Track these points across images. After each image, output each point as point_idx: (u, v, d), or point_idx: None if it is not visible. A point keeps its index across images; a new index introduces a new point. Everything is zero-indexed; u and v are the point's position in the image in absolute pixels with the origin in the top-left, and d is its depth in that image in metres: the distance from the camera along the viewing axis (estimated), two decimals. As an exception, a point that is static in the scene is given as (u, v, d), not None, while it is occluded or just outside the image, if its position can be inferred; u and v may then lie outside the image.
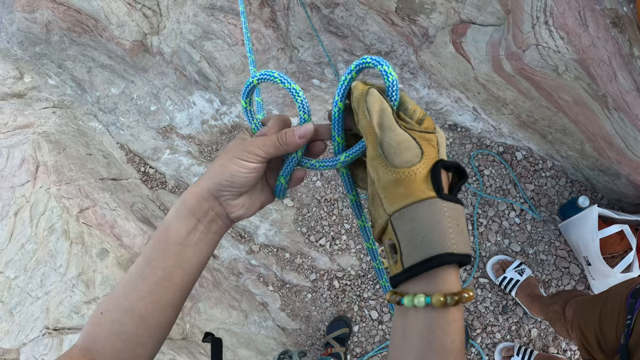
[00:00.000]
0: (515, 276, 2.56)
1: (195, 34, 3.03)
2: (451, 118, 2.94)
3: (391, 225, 0.64)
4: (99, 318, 0.81)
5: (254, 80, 0.83)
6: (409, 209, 0.62)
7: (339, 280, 2.85)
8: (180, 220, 0.81)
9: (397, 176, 0.63)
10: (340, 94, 0.76)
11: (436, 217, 0.60)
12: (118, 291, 0.81)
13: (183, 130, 3.28)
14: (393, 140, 0.65)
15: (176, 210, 0.82)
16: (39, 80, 3.33)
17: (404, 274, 0.61)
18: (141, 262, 0.81)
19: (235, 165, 0.78)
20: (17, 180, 2.76)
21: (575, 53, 1.99)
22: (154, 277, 0.80)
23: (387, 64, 0.70)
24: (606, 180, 2.58)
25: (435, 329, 0.59)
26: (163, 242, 0.81)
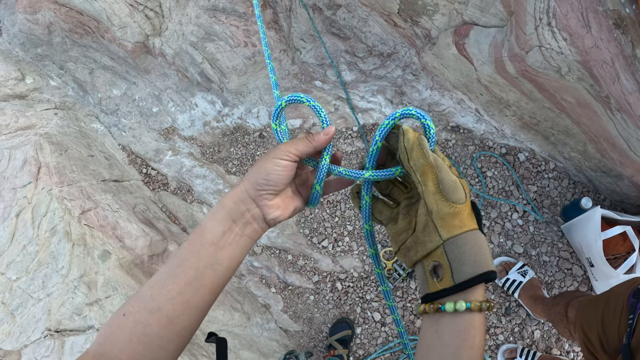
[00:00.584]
0: (518, 278, 2.56)
1: (198, 35, 3.03)
2: (454, 119, 2.93)
3: (443, 249, 0.76)
4: (121, 320, 0.82)
5: (282, 103, 0.94)
6: (462, 236, 0.75)
7: (342, 282, 2.85)
8: (216, 221, 0.86)
9: (453, 210, 0.75)
10: (381, 134, 0.88)
11: (481, 243, 0.75)
12: (144, 292, 0.83)
13: (185, 131, 3.27)
14: (450, 179, 0.77)
15: (213, 212, 0.87)
16: (40, 81, 3.33)
17: (455, 288, 0.74)
18: (172, 262, 0.85)
19: (270, 164, 0.85)
20: (19, 182, 2.76)
21: (578, 54, 1.99)
22: (185, 277, 0.83)
23: (429, 119, 0.86)
24: (609, 182, 2.57)
25: (470, 328, 0.72)
26: (197, 242, 0.85)
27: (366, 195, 0.91)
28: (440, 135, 2.93)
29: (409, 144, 0.81)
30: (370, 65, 3.12)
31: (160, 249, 2.77)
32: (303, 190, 0.97)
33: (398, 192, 0.91)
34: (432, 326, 0.77)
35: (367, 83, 3.08)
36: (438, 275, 0.77)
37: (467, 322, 0.73)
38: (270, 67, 1.13)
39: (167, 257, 2.79)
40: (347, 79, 3.14)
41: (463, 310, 0.72)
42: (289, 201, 0.93)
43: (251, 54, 3.00)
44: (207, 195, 3.09)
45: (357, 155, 2.99)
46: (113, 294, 2.46)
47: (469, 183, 2.83)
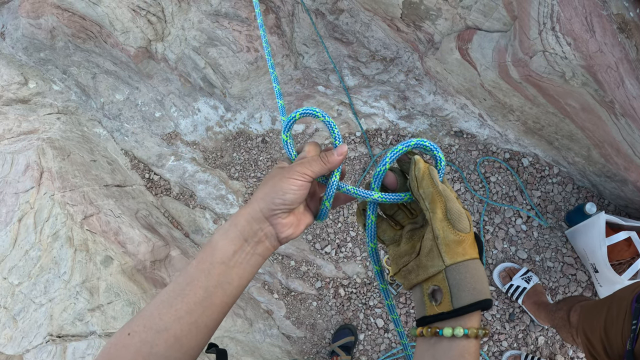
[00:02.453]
0: (522, 284, 2.54)
1: (200, 40, 3.03)
2: (457, 124, 2.92)
3: (445, 274, 0.79)
4: (125, 339, 0.79)
5: (296, 115, 0.94)
6: (464, 264, 0.78)
7: (345, 288, 2.84)
8: (228, 240, 0.84)
9: (459, 238, 0.79)
10: (391, 158, 0.89)
11: (481, 272, 0.79)
12: (150, 311, 0.81)
13: (188, 136, 3.27)
14: (457, 209, 0.80)
15: (224, 230, 0.85)
16: (43, 86, 3.33)
17: (453, 313, 0.76)
18: (181, 281, 0.83)
19: (286, 184, 0.85)
20: (21, 187, 2.76)
21: (582, 59, 1.98)
22: (195, 296, 0.81)
23: (441, 152, 0.90)
24: (613, 187, 2.56)
25: (466, 353, 0.75)
26: (207, 261, 0.83)
27: (372, 215, 0.93)
28: (444, 140, 2.92)
29: (419, 173, 0.84)
30: (373, 70, 3.12)
31: (162, 255, 2.76)
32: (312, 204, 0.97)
33: (403, 216, 0.93)
34: (429, 350, 0.79)
35: (370, 88, 3.07)
36: (437, 299, 0.80)
37: (463, 347, 0.76)
38: (274, 77, 1.12)
39: (169, 263, 2.78)
40: (350, 83, 3.13)
41: (460, 335, 0.75)
42: (300, 217, 0.93)
43: (254, 59, 2.99)
44: (210, 200, 3.09)
45: (360, 161, 2.99)
46: (115, 299, 2.46)
47: (472, 188, 2.82)
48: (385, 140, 2.99)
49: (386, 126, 3.01)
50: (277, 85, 1.09)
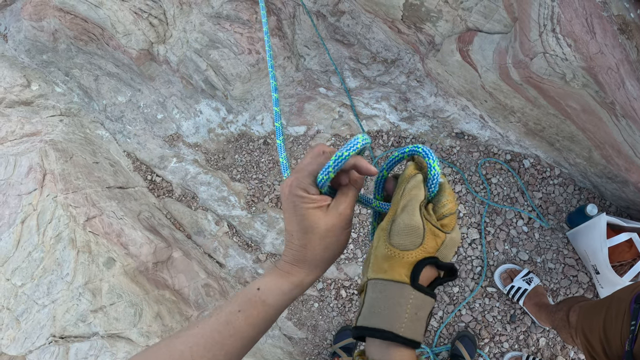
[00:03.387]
0: (523, 285, 2.54)
1: (202, 42, 3.04)
2: (458, 126, 2.93)
3: (366, 287, 0.75)
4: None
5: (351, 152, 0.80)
6: (383, 282, 0.72)
7: (346, 289, 2.84)
8: (284, 298, 0.82)
9: (388, 252, 0.73)
10: (387, 165, 0.86)
11: (399, 300, 0.70)
12: (181, 349, 0.76)
13: (190, 138, 3.28)
14: (404, 222, 0.73)
15: (280, 290, 0.81)
16: (46, 88, 3.35)
17: (353, 330, 0.73)
18: (223, 330, 0.78)
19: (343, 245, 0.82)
20: (24, 189, 2.77)
21: (583, 60, 1.98)
22: (237, 344, 0.79)
23: (434, 158, 0.78)
24: (614, 188, 2.56)
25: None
26: (257, 317, 0.80)
27: (374, 222, 0.92)
28: (445, 142, 2.93)
29: (401, 178, 0.79)
30: (374, 72, 3.12)
31: (164, 257, 2.77)
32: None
33: None
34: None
35: (371, 90, 3.08)
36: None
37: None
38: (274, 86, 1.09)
39: (171, 264, 2.78)
40: (351, 85, 3.14)
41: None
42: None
43: (255, 61, 3.00)
44: (212, 202, 3.10)
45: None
46: (118, 301, 2.47)
47: (473, 190, 2.82)
48: (387, 142, 2.99)
49: (387, 128, 3.02)
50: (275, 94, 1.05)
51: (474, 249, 2.75)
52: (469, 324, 2.66)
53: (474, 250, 2.75)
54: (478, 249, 2.74)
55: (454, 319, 2.68)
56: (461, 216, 2.80)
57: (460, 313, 2.69)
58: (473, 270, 2.72)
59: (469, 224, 2.78)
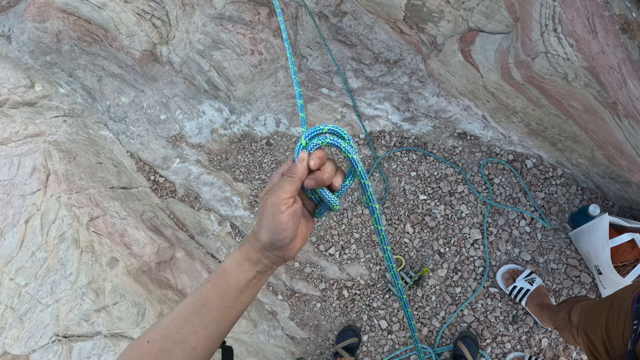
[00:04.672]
0: (526, 285, 2.54)
1: (205, 43, 3.05)
2: (460, 126, 2.93)
3: None
4: (145, 346, 0.88)
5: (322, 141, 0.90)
6: None
7: (349, 289, 2.84)
8: (240, 270, 0.92)
9: None
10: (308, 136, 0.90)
11: None
12: (167, 324, 0.90)
13: (193, 139, 3.29)
14: None
15: (237, 262, 0.92)
16: (49, 89, 3.36)
17: None
18: (196, 300, 0.91)
19: (274, 223, 0.87)
20: (28, 189, 2.78)
21: (585, 60, 1.98)
22: (210, 315, 0.90)
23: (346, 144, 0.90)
24: (617, 188, 2.56)
25: None
26: (222, 287, 0.91)
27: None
28: (447, 142, 2.93)
29: None
30: (376, 72, 3.12)
31: (167, 256, 2.78)
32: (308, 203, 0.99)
33: None
34: None
35: (374, 90, 3.08)
36: None
37: None
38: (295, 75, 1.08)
39: (174, 264, 2.79)
40: (354, 86, 3.14)
41: None
42: (303, 231, 0.95)
43: (258, 61, 3.01)
44: (215, 202, 3.10)
45: (364, 163, 2.99)
46: (121, 300, 2.48)
47: (475, 190, 2.82)
48: (389, 142, 3.00)
49: (390, 128, 3.02)
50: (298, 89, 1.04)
51: (476, 249, 2.75)
52: (471, 324, 2.66)
53: (476, 250, 2.75)
54: (480, 249, 2.74)
55: (456, 319, 2.69)
56: (463, 216, 2.80)
57: (462, 313, 2.69)
58: (475, 271, 2.72)
59: (471, 224, 2.78)
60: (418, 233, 2.83)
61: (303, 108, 1.03)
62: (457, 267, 2.75)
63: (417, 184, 2.91)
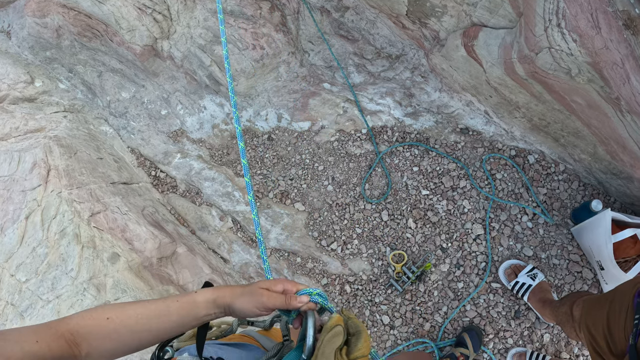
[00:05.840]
0: (528, 281, 2.54)
1: (206, 38, 3.04)
2: (463, 121, 2.92)
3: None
4: (103, 321, 1.00)
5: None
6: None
7: (351, 285, 2.84)
8: (207, 309, 1.07)
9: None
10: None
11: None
12: (130, 313, 1.03)
13: (194, 134, 3.28)
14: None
15: (208, 302, 1.08)
16: (49, 84, 3.35)
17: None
18: (162, 309, 1.05)
19: (248, 309, 1.06)
20: (29, 184, 2.77)
21: (588, 55, 1.98)
22: (165, 325, 1.05)
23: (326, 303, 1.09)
24: (619, 184, 2.56)
25: None
26: (187, 312, 1.06)
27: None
28: (450, 137, 2.93)
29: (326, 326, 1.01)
30: (378, 67, 3.12)
31: (169, 252, 2.77)
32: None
33: None
34: None
35: (376, 85, 3.08)
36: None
37: None
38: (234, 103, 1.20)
39: (175, 259, 2.79)
40: (356, 81, 3.14)
41: None
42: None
43: (259, 56, 3.00)
44: (216, 197, 3.10)
45: (366, 158, 2.99)
46: (122, 296, 2.47)
47: (478, 185, 2.82)
48: (392, 137, 2.99)
49: (392, 123, 3.02)
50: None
51: (478, 244, 2.75)
52: (473, 320, 2.66)
53: (478, 245, 2.75)
54: (482, 245, 2.74)
55: (458, 315, 2.69)
56: (466, 212, 2.80)
57: (464, 308, 2.69)
58: (477, 266, 2.72)
59: (473, 220, 2.78)
60: (420, 228, 2.83)
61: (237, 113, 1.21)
62: (459, 262, 2.75)
63: (420, 179, 2.90)
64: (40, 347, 0.90)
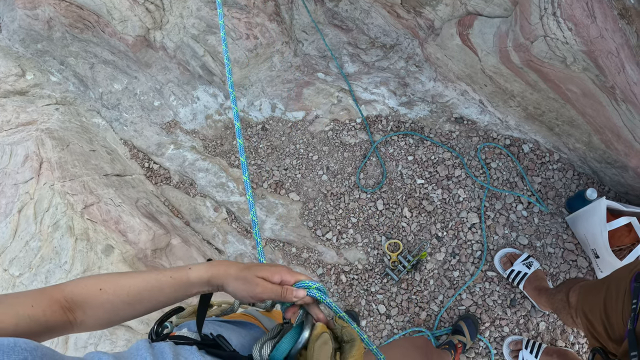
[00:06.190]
0: (523, 269, 2.55)
1: (199, 28, 3.01)
2: (457, 111, 2.92)
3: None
4: (96, 292, 1.01)
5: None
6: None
7: (346, 274, 2.84)
8: (200, 286, 1.07)
9: None
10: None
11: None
12: (122, 284, 1.03)
13: (187, 125, 3.26)
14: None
15: (202, 280, 1.06)
16: (41, 77, 3.32)
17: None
18: (154, 283, 1.05)
19: (241, 294, 1.05)
20: (21, 177, 2.75)
21: (584, 44, 1.98)
22: (158, 299, 1.05)
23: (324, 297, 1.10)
24: (613, 173, 2.56)
25: None
26: (180, 287, 1.06)
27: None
28: (444, 126, 2.92)
29: (312, 336, 1.02)
30: (373, 57, 3.11)
31: (163, 243, 2.76)
32: None
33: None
34: None
35: (370, 75, 3.07)
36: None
37: None
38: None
39: (170, 251, 2.78)
40: (350, 70, 3.13)
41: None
42: None
43: (253, 46, 2.98)
44: (210, 188, 3.08)
45: (361, 147, 2.99)
46: (117, 288, 2.45)
47: (473, 174, 2.82)
48: (386, 126, 2.99)
49: (387, 112, 3.01)
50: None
51: (473, 233, 2.75)
52: (469, 308, 2.67)
53: (473, 234, 2.75)
54: (478, 233, 2.75)
55: (454, 303, 2.69)
56: (461, 200, 2.80)
57: (460, 297, 2.69)
58: (473, 255, 2.73)
59: (468, 208, 2.78)
60: (416, 217, 2.83)
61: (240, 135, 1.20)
62: (455, 251, 2.76)
63: (415, 168, 2.90)
64: (35, 312, 0.90)
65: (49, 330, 0.94)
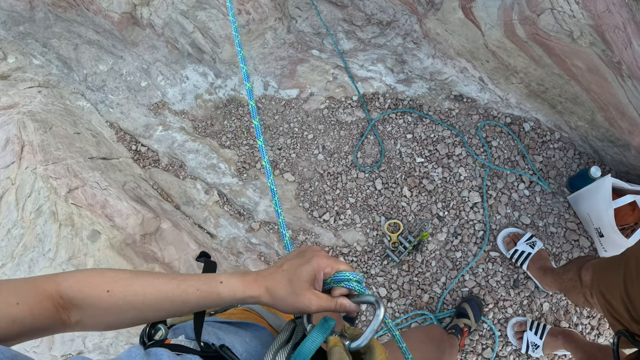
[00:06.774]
0: (527, 249, 2.51)
1: (188, 3, 2.91)
2: (456, 88, 2.87)
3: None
4: (103, 294, 0.87)
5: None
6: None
7: (345, 256, 2.78)
8: (231, 304, 0.96)
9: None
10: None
11: None
12: (136, 290, 0.89)
13: (176, 106, 3.17)
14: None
15: (235, 297, 0.94)
16: (23, 60, 3.21)
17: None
18: (179, 295, 0.91)
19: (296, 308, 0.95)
20: (2, 162, 2.64)
21: (591, 18, 1.98)
22: (177, 310, 0.93)
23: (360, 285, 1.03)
24: (615, 152, 2.54)
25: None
26: (206, 305, 0.94)
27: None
28: (443, 104, 2.87)
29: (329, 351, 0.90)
30: (369, 34, 3.04)
31: (153, 228, 2.67)
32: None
33: None
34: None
35: (367, 52, 3.00)
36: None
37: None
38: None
39: (160, 236, 2.69)
40: (346, 47, 3.06)
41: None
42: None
43: (245, 22, 2.89)
44: (201, 170, 2.99)
45: (358, 125, 2.93)
46: (105, 274, 2.36)
47: (474, 153, 2.77)
48: (384, 104, 2.93)
49: (384, 90, 2.95)
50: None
51: (475, 212, 2.70)
52: (472, 290, 2.63)
53: (475, 214, 2.70)
54: (480, 213, 2.70)
55: (457, 285, 2.65)
56: (462, 179, 2.76)
57: (463, 278, 2.65)
58: (475, 235, 2.68)
59: (470, 187, 2.74)
60: (416, 196, 2.77)
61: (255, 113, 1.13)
62: (456, 231, 2.71)
63: (414, 146, 2.84)
64: (20, 310, 0.78)
65: (35, 331, 0.82)
